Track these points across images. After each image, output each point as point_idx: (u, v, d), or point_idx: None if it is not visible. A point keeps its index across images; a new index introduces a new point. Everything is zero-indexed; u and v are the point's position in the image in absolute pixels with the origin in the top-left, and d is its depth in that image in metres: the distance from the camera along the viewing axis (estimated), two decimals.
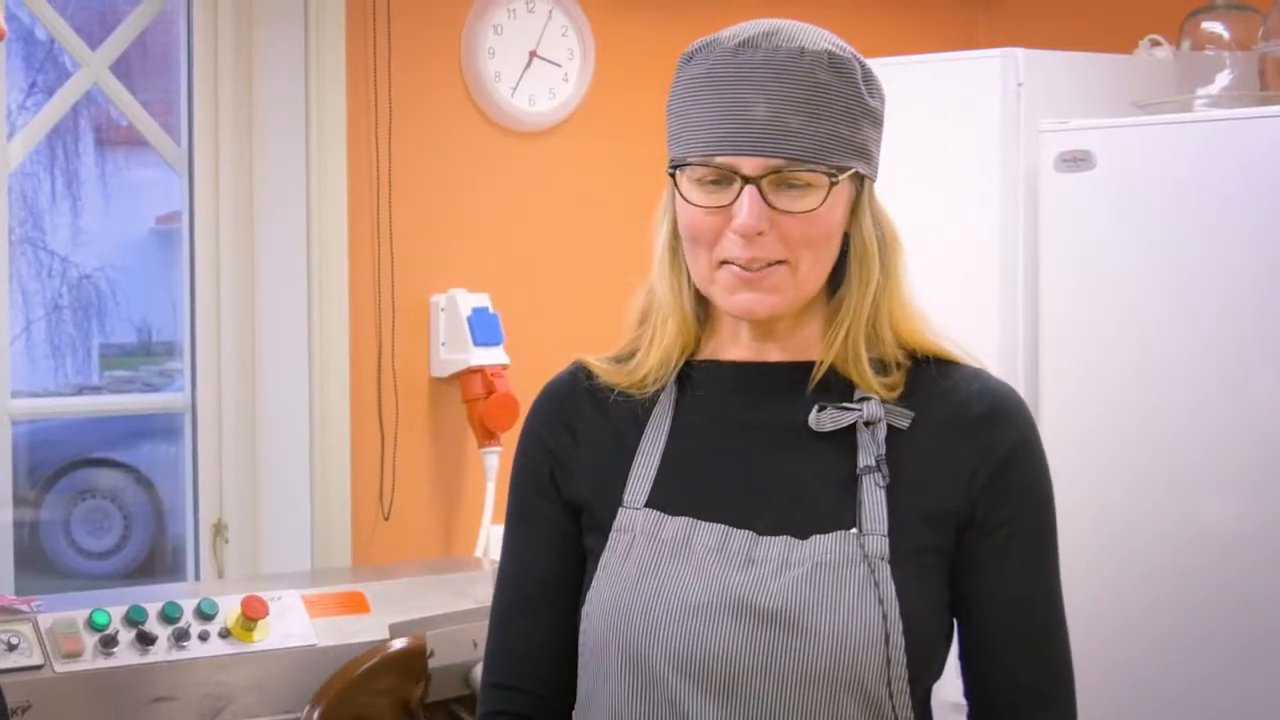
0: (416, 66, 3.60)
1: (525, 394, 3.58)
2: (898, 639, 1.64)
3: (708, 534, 1.71)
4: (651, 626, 1.68)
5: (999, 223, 3.38)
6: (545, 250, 3.76)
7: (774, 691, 1.65)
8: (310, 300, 3.48)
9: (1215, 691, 3.08)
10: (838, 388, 1.73)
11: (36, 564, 3.82)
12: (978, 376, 1.77)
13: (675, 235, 1.79)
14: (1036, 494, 1.75)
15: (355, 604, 3.02)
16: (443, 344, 3.59)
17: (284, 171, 3.50)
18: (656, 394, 1.79)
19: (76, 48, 3.48)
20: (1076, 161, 3.24)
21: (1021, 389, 3.35)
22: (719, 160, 1.69)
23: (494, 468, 3.57)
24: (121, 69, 3.53)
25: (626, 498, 1.76)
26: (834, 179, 1.68)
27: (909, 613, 1.66)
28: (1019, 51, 3.40)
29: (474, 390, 3.55)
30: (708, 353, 1.80)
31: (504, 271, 3.70)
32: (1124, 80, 3.55)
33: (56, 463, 3.99)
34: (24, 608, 2.75)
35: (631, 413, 1.80)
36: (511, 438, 3.56)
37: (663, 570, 1.70)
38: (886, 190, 3.62)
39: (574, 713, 1.80)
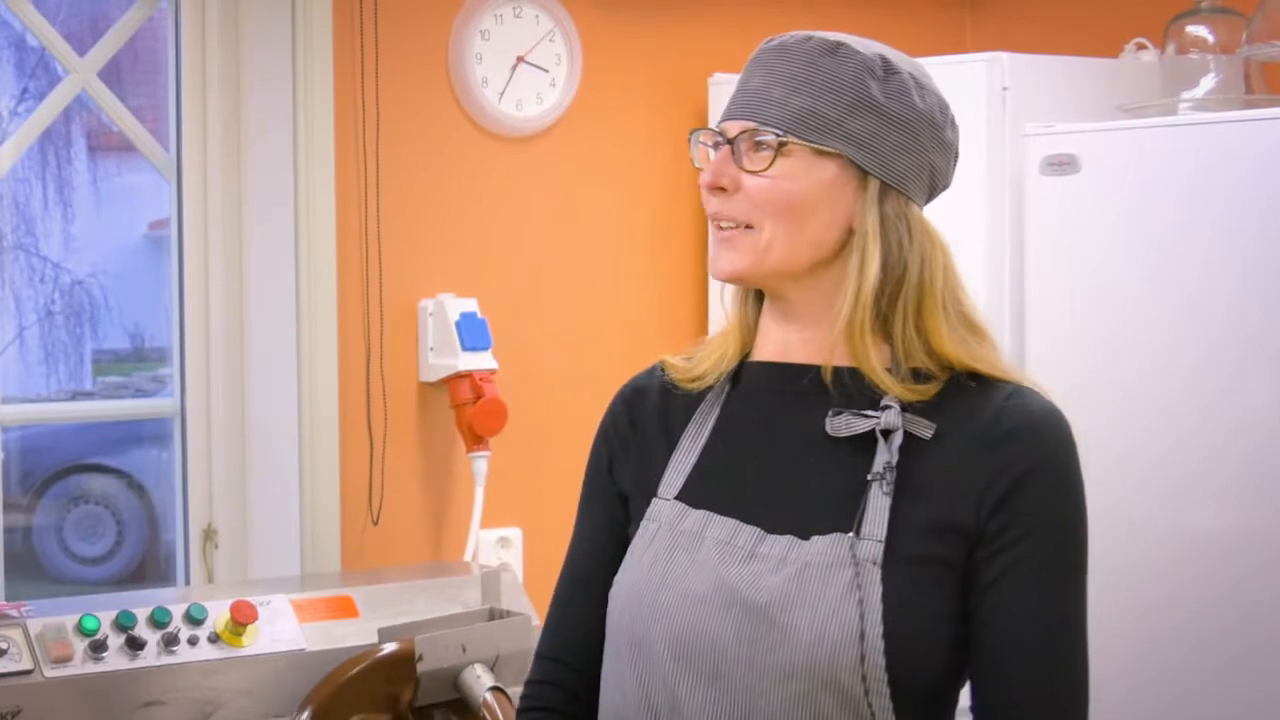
0: (404, 72, 3.61)
1: (514, 398, 3.61)
2: (875, 641, 1.65)
3: (719, 527, 1.76)
4: (655, 611, 1.74)
5: (985, 226, 3.39)
6: (533, 255, 3.77)
7: (756, 682, 1.69)
8: (299, 305, 3.49)
9: (1208, 696, 3.08)
10: (866, 392, 1.76)
11: (29, 570, 3.82)
12: (1015, 394, 1.77)
13: None
14: (1052, 517, 1.73)
15: (344, 608, 3.02)
16: (431, 349, 3.60)
17: (272, 177, 3.51)
18: (711, 391, 1.86)
19: (64, 54, 3.49)
20: (1062, 165, 3.24)
21: None
22: (717, 128, 1.80)
23: (482, 472, 3.57)
24: (111, 75, 3.53)
25: (661, 489, 1.83)
26: (783, 141, 1.74)
27: (894, 617, 1.67)
28: (1004, 55, 3.41)
29: (462, 395, 3.56)
30: (755, 354, 1.86)
31: (492, 276, 3.71)
32: (1109, 84, 3.56)
33: (49, 468, 3.99)
34: (13, 613, 2.76)
35: (686, 409, 1.87)
36: (499, 442, 3.59)
37: (675, 559, 1.77)
38: None
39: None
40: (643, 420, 1.89)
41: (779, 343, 1.83)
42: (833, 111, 1.75)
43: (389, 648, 2.86)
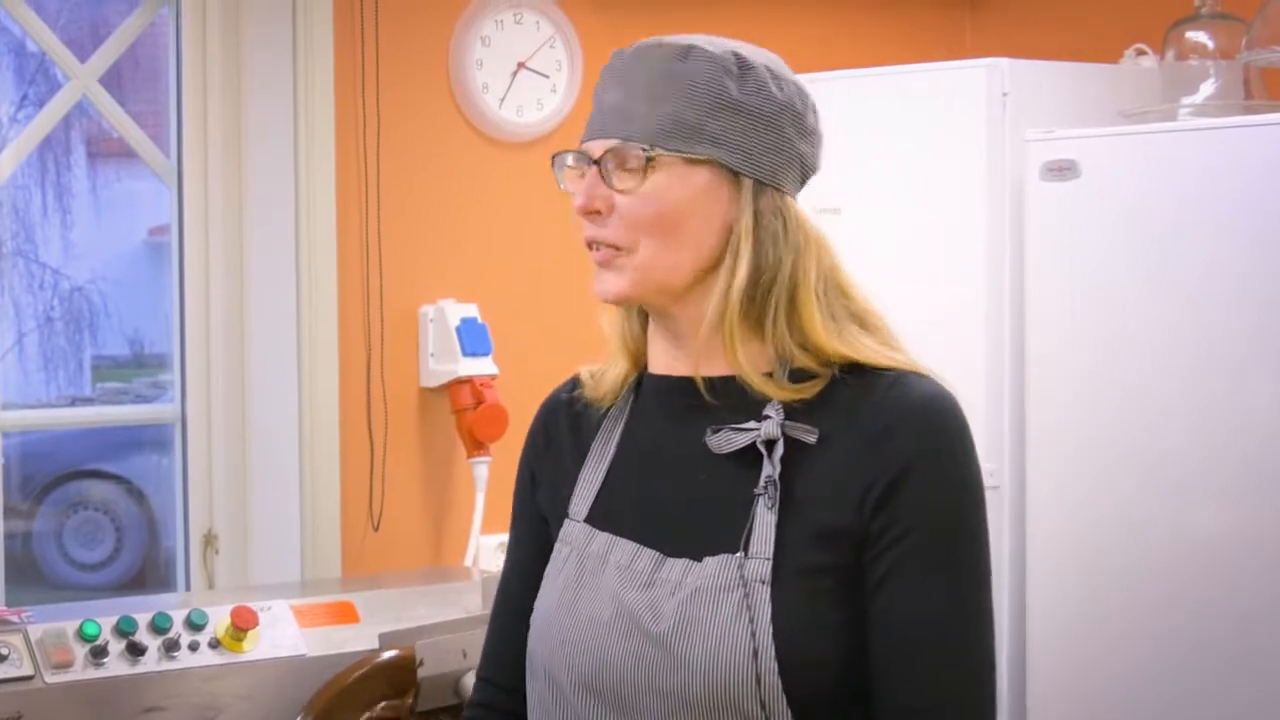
0: (404, 78, 3.61)
1: (514, 404, 3.60)
2: (769, 662, 1.62)
3: (621, 551, 1.74)
4: (563, 638, 1.73)
5: (985, 232, 3.39)
6: (533, 261, 3.77)
7: (659, 709, 1.67)
8: (299, 311, 3.49)
9: (1208, 696, 3.09)
10: (750, 400, 1.72)
11: (29, 576, 3.82)
12: (896, 383, 1.71)
13: None
14: (936, 511, 1.67)
15: (345, 614, 3.02)
16: (432, 354, 3.60)
17: (273, 183, 3.51)
18: (615, 407, 1.83)
19: (65, 60, 3.49)
20: (1062, 171, 3.25)
21: (1008, 398, 3.39)
22: (580, 148, 1.76)
23: (483, 477, 3.58)
24: (111, 81, 3.54)
25: (571, 510, 1.80)
26: (650, 156, 1.70)
27: (788, 635, 1.64)
28: (1005, 61, 3.42)
29: (463, 400, 3.56)
30: (650, 367, 1.83)
31: (493, 282, 3.71)
32: (1109, 90, 3.56)
33: (49, 474, 3.99)
34: (14, 619, 2.76)
35: (595, 426, 1.84)
36: (500, 448, 3.59)
37: (582, 585, 1.74)
38: (873, 200, 3.63)
39: None
40: (557, 438, 1.87)
41: (667, 358, 1.79)
42: (693, 116, 1.71)
43: (389, 653, 2.85)
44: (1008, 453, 3.34)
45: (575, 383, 1.89)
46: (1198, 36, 3.43)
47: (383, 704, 2.84)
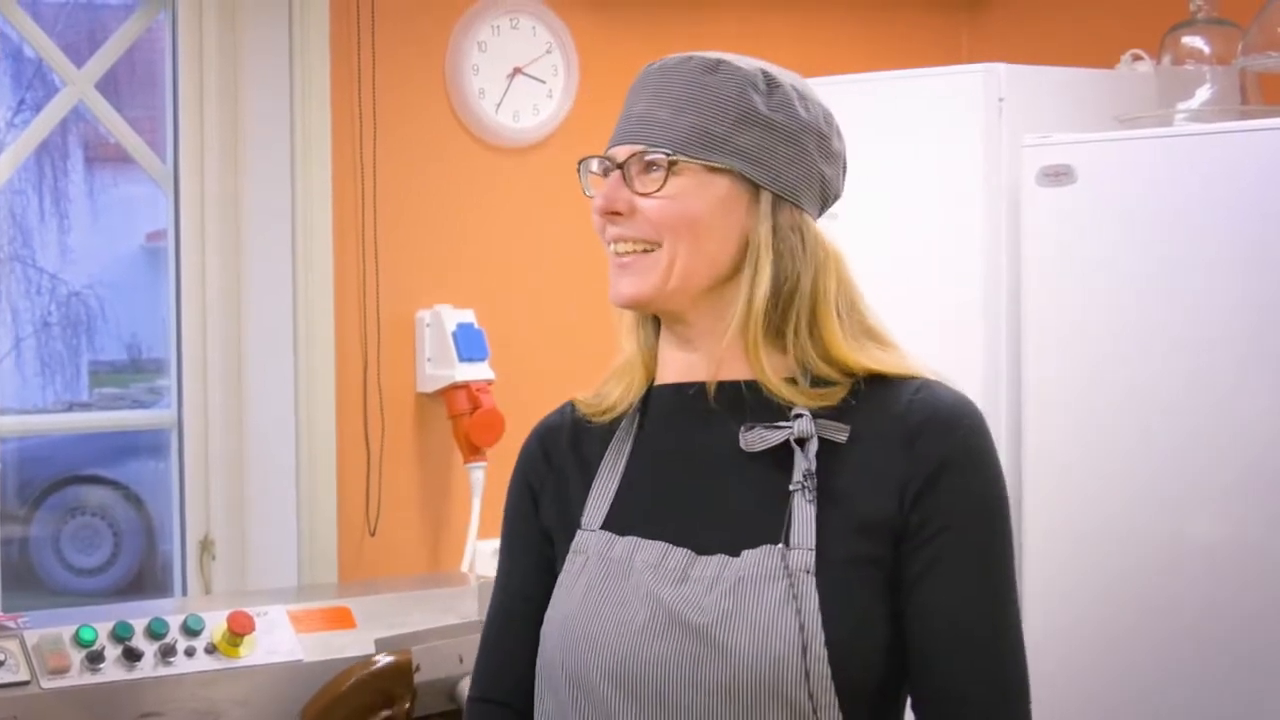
0: (401, 83, 3.62)
1: (510, 409, 3.61)
2: (818, 650, 1.65)
3: (649, 552, 1.75)
4: (590, 642, 1.73)
5: (981, 237, 3.39)
6: (530, 266, 3.77)
7: (701, 704, 1.67)
8: (296, 316, 3.49)
9: (1206, 702, 3.09)
10: (774, 404, 1.76)
11: (26, 581, 3.82)
12: (922, 387, 1.77)
13: None
14: (973, 506, 1.74)
15: (341, 619, 3.02)
16: (428, 360, 3.60)
17: (269, 189, 3.51)
18: (622, 420, 1.85)
19: (62, 65, 3.49)
20: (1058, 176, 3.25)
21: (1004, 403, 3.39)
22: (606, 154, 1.81)
23: (480, 483, 3.58)
24: (108, 87, 3.54)
25: (584, 520, 1.81)
26: (673, 160, 1.74)
27: (834, 624, 1.66)
28: (1001, 66, 3.42)
29: (459, 406, 3.56)
30: (659, 378, 1.85)
31: (489, 287, 3.71)
32: (1106, 95, 3.56)
33: (46, 480, 3.99)
34: (10, 624, 2.76)
35: (601, 441, 1.85)
36: (497, 453, 3.59)
37: (606, 587, 1.75)
38: (870, 205, 3.62)
39: None
40: (558, 457, 1.88)
41: (681, 365, 1.82)
42: (719, 127, 1.75)
43: (386, 659, 2.86)
44: (1005, 458, 3.32)
45: (570, 407, 1.91)
46: (1194, 42, 3.43)
47: (379, 710, 2.84)
